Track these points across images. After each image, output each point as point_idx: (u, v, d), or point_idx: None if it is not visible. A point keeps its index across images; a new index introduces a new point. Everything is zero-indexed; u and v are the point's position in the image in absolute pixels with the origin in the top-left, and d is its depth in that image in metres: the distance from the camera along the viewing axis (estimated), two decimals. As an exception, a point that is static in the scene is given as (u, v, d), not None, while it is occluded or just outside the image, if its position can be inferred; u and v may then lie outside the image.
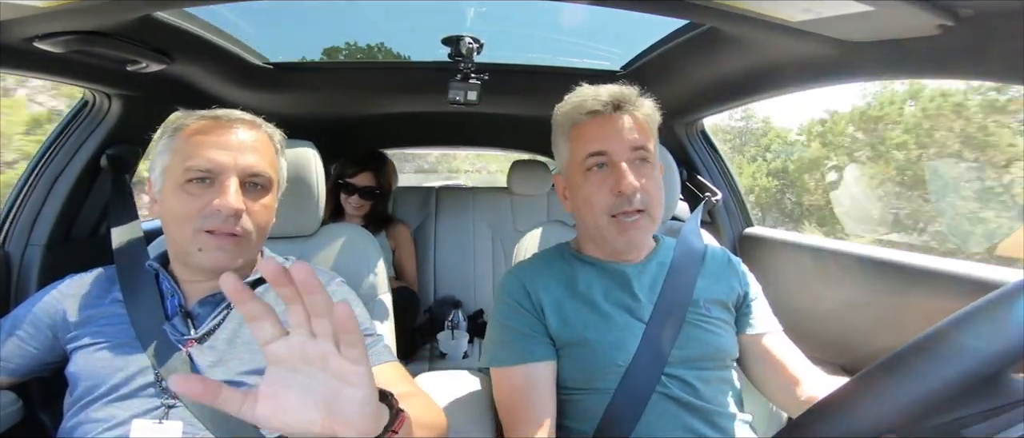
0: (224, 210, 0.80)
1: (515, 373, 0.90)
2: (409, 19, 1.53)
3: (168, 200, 0.83)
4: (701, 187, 1.71)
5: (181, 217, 0.81)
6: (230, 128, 0.85)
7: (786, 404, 0.95)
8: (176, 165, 0.82)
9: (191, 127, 0.85)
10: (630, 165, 0.89)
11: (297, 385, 0.47)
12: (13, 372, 0.86)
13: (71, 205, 1.26)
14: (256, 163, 0.85)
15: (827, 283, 1.32)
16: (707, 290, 0.98)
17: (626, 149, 0.90)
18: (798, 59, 1.07)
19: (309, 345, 0.46)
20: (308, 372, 0.47)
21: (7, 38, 0.88)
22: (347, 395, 0.47)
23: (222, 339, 0.85)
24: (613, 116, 0.92)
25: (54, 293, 0.89)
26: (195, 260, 0.84)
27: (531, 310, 0.94)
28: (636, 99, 0.93)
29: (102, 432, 0.76)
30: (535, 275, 0.98)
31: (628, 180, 0.88)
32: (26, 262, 1.20)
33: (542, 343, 0.92)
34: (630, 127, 0.91)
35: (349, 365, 0.47)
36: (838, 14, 0.80)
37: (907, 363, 0.47)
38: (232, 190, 0.81)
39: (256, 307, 0.46)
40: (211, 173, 0.81)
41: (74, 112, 1.28)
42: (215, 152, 0.82)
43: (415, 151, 7.79)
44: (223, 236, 0.82)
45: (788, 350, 0.97)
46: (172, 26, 1.06)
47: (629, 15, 0.94)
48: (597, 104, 0.92)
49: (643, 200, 0.90)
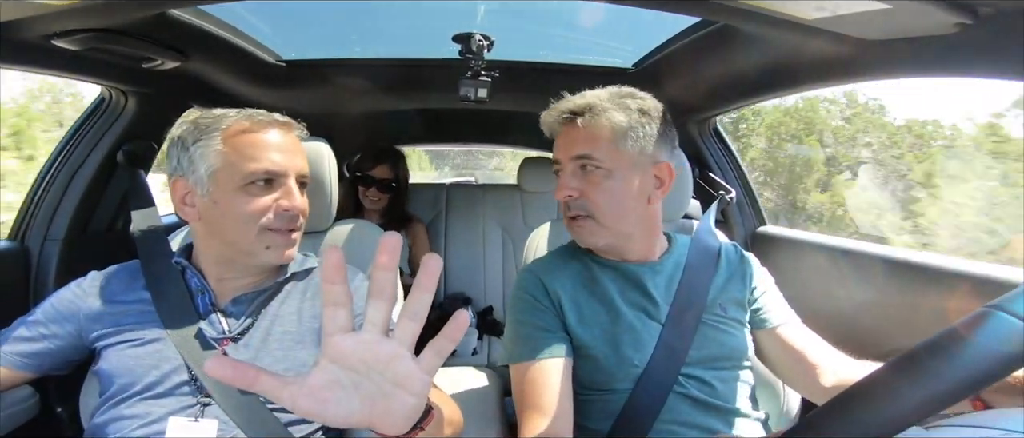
0: (293, 211, 0.86)
1: (532, 368, 0.90)
2: (420, 16, 1.52)
3: (225, 201, 0.84)
4: (714, 185, 1.69)
5: (245, 217, 0.84)
6: (280, 131, 0.89)
7: (809, 391, 0.96)
8: (231, 167, 0.83)
9: (232, 128, 0.85)
10: (570, 174, 0.94)
11: (348, 382, 0.46)
12: (37, 368, 0.87)
13: (88, 200, 1.28)
14: (305, 165, 0.91)
15: (841, 282, 1.31)
16: (723, 290, 0.98)
17: (567, 158, 0.94)
18: (812, 57, 1.06)
19: (381, 345, 0.45)
20: (365, 372, 0.46)
21: (27, 36, 0.90)
22: (400, 399, 0.46)
23: (256, 337, 0.86)
24: (566, 125, 0.96)
25: (77, 289, 0.90)
26: (260, 258, 0.87)
27: (549, 306, 0.95)
28: (599, 106, 0.92)
29: (136, 429, 0.77)
30: (553, 272, 0.99)
31: (558, 190, 0.95)
32: (44, 256, 1.22)
33: (560, 339, 0.92)
34: (577, 137, 0.93)
35: (418, 373, 0.46)
36: (854, 12, 0.79)
37: (921, 362, 0.46)
38: (296, 192, 0.87)
39: (343, 293, 0.45)
40: (274, 175, 0.85)
41: (91, 109, 1.30)
42: (277, 155, 0.85)
43: (449, 148, 7.80)
44: (286, 234, 0.87)
45: (807, 338, 0.97)
46: (187, 24, 1.07)
47: (641, 12, 0.93)
48: (557, 113, 0.97)
49: (582, 206, 0.93)
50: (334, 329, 0.45)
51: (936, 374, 0.45)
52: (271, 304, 0.91)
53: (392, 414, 0.47)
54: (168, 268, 0.91)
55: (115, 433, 0.78)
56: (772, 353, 0.99)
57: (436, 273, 0.45)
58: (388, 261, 0.44)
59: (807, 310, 1.05)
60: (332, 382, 0.45)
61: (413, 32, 1.61)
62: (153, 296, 0.87)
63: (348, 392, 0.46)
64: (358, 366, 0.45)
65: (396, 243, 0.44)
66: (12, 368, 0.85)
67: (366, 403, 0.46)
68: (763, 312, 0.99)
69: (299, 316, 0.91)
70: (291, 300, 0.93)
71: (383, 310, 0.45)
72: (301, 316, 0.91)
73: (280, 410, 0.82)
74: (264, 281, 0.92)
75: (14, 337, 0.86)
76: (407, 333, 0.46)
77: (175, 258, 0.92)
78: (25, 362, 0.86)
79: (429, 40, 1.51)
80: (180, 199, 0.87)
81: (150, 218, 1.05)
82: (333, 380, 0.45)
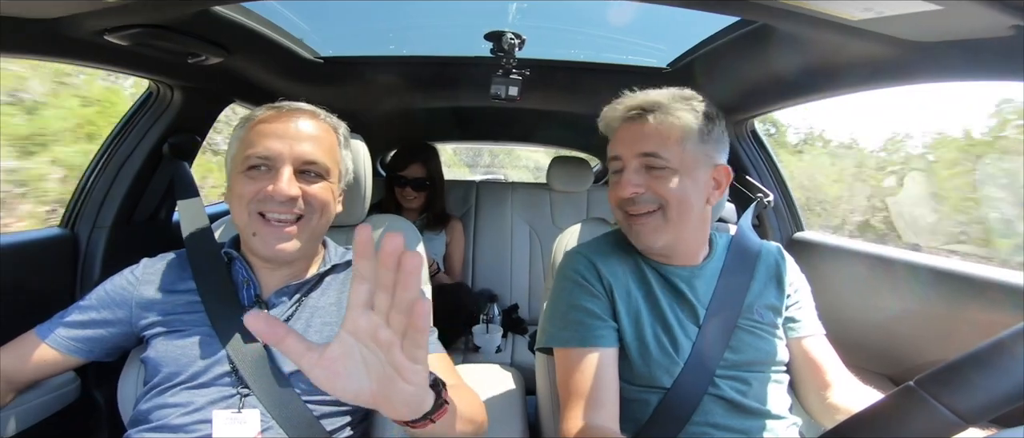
0: (277, 196, 0.84)
1: (582, 355, 0.90)
2: (453, 15, 1.53)
3: (232, 185, 0.89)
4: (751, 188, 1.65)
5: (240, 199, 0.86)
6: (290, 118, 0.90)
7: (812, 407, 0.95)
8: (239, 153, 0.88)
9: (257, 118, 0.90)
10: (635, 171, 0.91)
11: (359, 357, 0.48)
12: (87, 353, 0.91)
13: (135, 190, 1.33)
14: (311, 151, 0.88)
15: (879, 291, 1.26)
16: (760, 295, 0.97)
17: (632, 154, 0.92)
18: (858, 59, 1.02)
19: (381, 330, 0.47)
20: (374, 350, 0.48)
21: (81, 32, 0.94)
22: (398, 386, 0.48)
23: (297, 328, 0.89)
24: (633, 123, 0.94)
25: (130, 276, 0.93)
26: (251, 244, 0.88)
27: (601, 292, 0.95)
28: (669, 105, 0.92)
29: (179, 416, 0.80)
30: (605, 259, 0.98)
31: (621, 186, 0.92)
32: (92, 243, 1.27)
33: (609, 327, 0.92)
34: (645, 134, 0.92)
35: (408, 362, 0.47)
36: (901, 13, 0.76)
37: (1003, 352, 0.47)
38: (285, 177, 0.85)
39: (370, 269, 0.46)
40: (268, 161, 0.86)
41: (140, 102, 1.35)
42: (272, 141, 0.86)
43: (480, 146, 7.87)
44: (276, 226, 0.86)
45: (828, 354, 0.97)
46: (229, 20, 1.10)
47: (674, 11, 0.92)
48: (623, 109, 0.95)
49: (650, 200, 0.91)
50: (355, 302, 0.47)
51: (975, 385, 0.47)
52: (311, 295, 0.93)
53: (392, 399, 0.48)
54: (214, 260, 0.94)
55: (158, 420, 0.81)
56: (792, 361, 0.98)
57: (414, 272, 0.45)
58: (384, 275, 0.45)
59: (844, 319, 1.02)
60: (346, 354, 0.47)
61: (446, 30, 1.63)
62: (199, 288, 0.90)
63: (359, 368, 0.47)
64: (367, 341, 0.47)
65: (370, 238, 0.46)
66: (64, 352, 0.89)
67: (374, 382, 0.48)
68: (794, 320, 0.98)
69: (338, 307, 0.93)
70: (330, 292, 0.95)
71: (383, 300, 0.46)
72: (340, 307, 0.93)
73: (313, 403, 0.84)
74: (304, 274, 0.95)
75: (66, 322, 0.89)
76: (397, 324, 0.47)
77: (225, 249, 0.95)
78: (76, 346, 0.89)
79: (461, 38, 1.53)
80: (227, 186, 0.92)
81: (195, 208, 1.08)
82: (347, 353, 0.47)
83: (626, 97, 0.96)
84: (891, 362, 1.23)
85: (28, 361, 0.88)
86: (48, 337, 0.88)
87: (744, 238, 1.05)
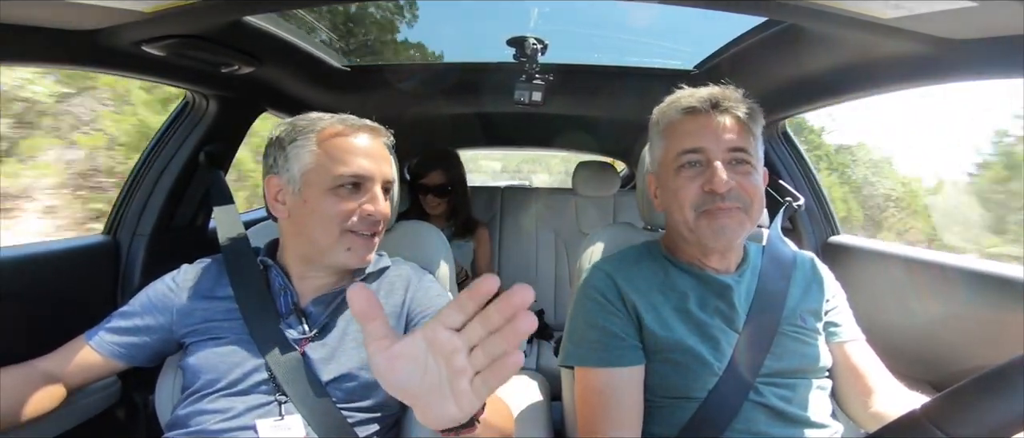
0: (377, 216, 0.89)
1: (603, 375, 0.88)
2: (475, 21, 1.55)
3: (313, 202, 0.88)
4: (782, 192, 1.62)
5: (330, 218, 0.88)
6: (370, 136, 0.93)
7: (856, 414, 0.92)
8: (321, 169, 0.88)
9: (326, 131, 0.90)
10: (725, 165, 0.87)
11: (423, 363, 0.47)
12: (130, 358, 0.93)
13: (173, 198, 1.38)
14: (391, 171, 0.94)
15: (918, 295, 1.22)
16: (800, 300, 0.95)
17: (722, 149, 0.88)
18: (890, 58, 0.99)
19: (459, 355, 0.46)
20: (440, 366, 0.47)
21: (119, 43, 0.98)
22: (446, 405, 0.48)
23: (334, 337, 0.90)
24: (711, 114, 0.89)
25: (171, 282, 0.95)
26: (340, 258, 0.90)
27: (623, 312, 0.92)
28: (737, 100, 0.90)
29: (217, 423, 0.82)
30: (627, 274, 0.96)
31: (719, 177, 0.85)
32: (133, 250, 1.32)
33: (632, 347, 0.90)
34: (728, 127, 0.88)
35: (471, 395, 0.47)
36: (934, 11, 0.74)
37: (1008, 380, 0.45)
38: (381, 198, 0.90)
39: (473, 308, 0.46)
40: (361, 180, 0.89)
41: (177, 112, 1.40)
42: (365, 160, 0.89)
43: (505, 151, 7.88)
44: (368, 237, 0.91)
45: (870, 360, 0.94)
46: (260, 30, 1.14)
47: (699, 13, 0.91)
48: (693, 101, 0.91)
49: (738, 197, 0.87)
50: (445, 320, 0.46)
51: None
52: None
53: (432, 410, 0.48)
54: (251, 268, 0.95)
55: (196, 426, 0.82)
56: (834, 367, 0.95)
57: (524, 335, 0.44)
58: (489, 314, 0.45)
59: (882, 324, 0.99)
60: (412, 356, 0.47)
61: (468, 36, 1.65)
62: (237, 296, 0.92)
63: (417, 371, 0.47)
64: (439, 357, 0.47)
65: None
66: (108, 356, 0.91)
67: (422, 387, 0.47)
68: (834, 325, 0.96)
69: None
70: None
71: (477, 332, 0.46)
72: None
73: (348, 409, 0.85)
74: (342, 282, 0.96)
75: (111, 327, 0.92)
76: (479, 362, 0.46)
77: (260, 257, 0.97)
78: (120, 352, 0.92)
79: (484, 44, 1.54)
80: (272, 196, 0.92)
81: (230, 216, 1.09)
82: (413, 355, 0.47)
83: (702, 88, 0.92)
84: (932, 368, 1.18)
85: (77, 365, 0.90)
86: (94, 341, 0.91)
87: (777, 245, 1.03)
